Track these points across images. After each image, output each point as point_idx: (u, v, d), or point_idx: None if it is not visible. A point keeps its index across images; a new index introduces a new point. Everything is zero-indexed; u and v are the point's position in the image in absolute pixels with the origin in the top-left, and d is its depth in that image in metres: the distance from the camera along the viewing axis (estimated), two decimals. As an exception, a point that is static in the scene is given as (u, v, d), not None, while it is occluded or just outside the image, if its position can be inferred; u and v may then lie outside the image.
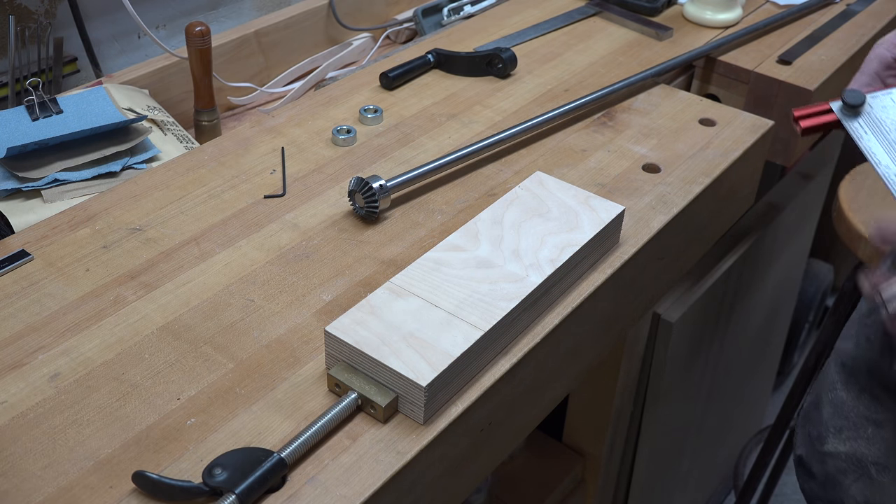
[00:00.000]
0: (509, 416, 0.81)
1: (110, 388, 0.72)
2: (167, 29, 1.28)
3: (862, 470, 0.82)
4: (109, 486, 0.65)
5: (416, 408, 0.69)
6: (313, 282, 0.83)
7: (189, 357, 0.75)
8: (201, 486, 0.63)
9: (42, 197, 0.93)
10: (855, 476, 0.82)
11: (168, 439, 0.68)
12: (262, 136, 1.04)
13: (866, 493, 0.81)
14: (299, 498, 0.64)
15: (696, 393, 1.48)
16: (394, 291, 0.75)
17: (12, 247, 0.85)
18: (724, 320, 1.43)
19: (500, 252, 0.80)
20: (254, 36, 1.26)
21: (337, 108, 1.09)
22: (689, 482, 1.69)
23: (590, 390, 1.24)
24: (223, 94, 1.22)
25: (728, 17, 1.32)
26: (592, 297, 0.84)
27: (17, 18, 1.07)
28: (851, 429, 0.83)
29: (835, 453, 0.84)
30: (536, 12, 1.34)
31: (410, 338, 0.71)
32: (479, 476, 0.82)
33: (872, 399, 0.83)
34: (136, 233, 0.88)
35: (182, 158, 1.00)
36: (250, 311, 0.80)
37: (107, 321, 0.78)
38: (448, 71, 1.18)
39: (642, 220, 0.93)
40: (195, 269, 0.84)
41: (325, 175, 0.98)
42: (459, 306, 0.74)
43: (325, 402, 0.72)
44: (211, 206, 0.92)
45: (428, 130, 1.06)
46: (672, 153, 1.03)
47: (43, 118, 0.99)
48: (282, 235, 0.89)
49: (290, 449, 0.65)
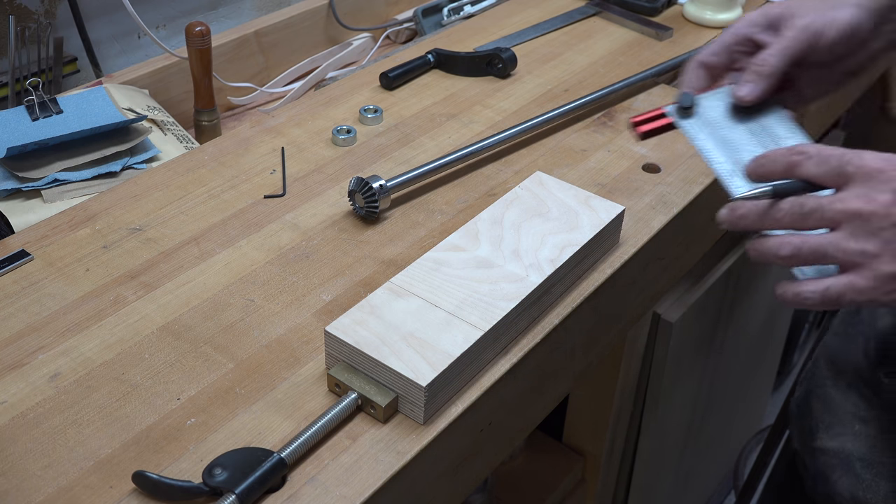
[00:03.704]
0: (509, 416, 0.81)
1: (110, 388, 0.72)
2: (167, 29, 1.28)
3: (848, 466, 0.82)
4: (109, 486, 0.65)
5: (416, 408, 0.69)
6: (313, 282, 0.83)
7: (189, 357, 0.75)
8: (201, 486, 0.63)
9: (42, 197, 0.93)
10: (842, 472, 0.83)
11: (168, 439, 0.68)
12: (262, 136, 1.04)
13: (852, 488, 0.82)
14: (299, 498, 0.64)
15: (696, 393, 1.48)
16: (394, 291, 0.75)
17: (12, 247, 0.85)
18: (724, 320, 1.43)
19: (500, 252, 0.80)
20: (254, 36, 1.26)
21: (337, 108, 1.09)
22: (689, 482, 1.69)
23: (590, 390, 1.24)
24: (223, 94, 1.22)
25: (728, 17, 1.32)
26: (592, 297, 0.84)
27: (17, 18, 1.07)
28: (840, 425, 0.84)
29: (824, 449, 0.85)
30: (536, 12, 1.34)
31: (410, 338, 0.71)
32: (479, 476, 0.82)
33: (860, 397, 0.84)
34: (136, 233, 0.88)
35: (182, 158, 1.00)
36: (250, 311, 0.80)
37: (107, 321, 0.78)
38: (448, 71, 1.18)
39: (642, 220, 0.93)
40: (195, 269, 0.84)
41: (325, 175, 0.98)
42: (459, 306, 0.74)
43: (325, 402, 0.72)
44: (211, 206, 0.92)
45: (428, 130, 1.06)
46: (672, 153, 1.03)
47: (43, 118, 0.99)
48: (282, 235, 0.89)
49: (290, 449, 0.65)
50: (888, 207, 0.58)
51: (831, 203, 0.60)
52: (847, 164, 0.60)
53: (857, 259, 0.59)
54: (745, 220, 0.64)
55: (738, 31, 0.74)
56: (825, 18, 0.71)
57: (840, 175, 0.61)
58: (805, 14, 0.72)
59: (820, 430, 0.86)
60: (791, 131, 0.73)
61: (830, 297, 0.60)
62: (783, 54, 0.72)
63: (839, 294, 0.60)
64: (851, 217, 0.59)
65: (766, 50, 0.72)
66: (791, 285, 0.63)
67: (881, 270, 0.58)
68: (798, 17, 0.72)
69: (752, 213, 0.63)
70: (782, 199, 0.62)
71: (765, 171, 0.64)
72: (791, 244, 0.61)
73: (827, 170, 0.61)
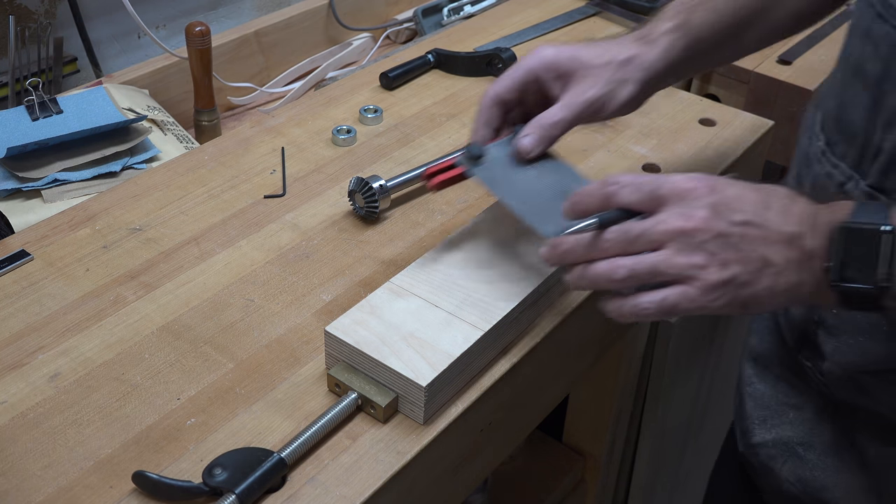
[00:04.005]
0: (509, 416, 0.81)
1: (110, 388, 0.72)
2: (167, 29, 1.28)
3: (790, 452, 0.85)
4: (109, 486, 0.65)
5: (416, 408, 0.69)
6: (313, 282, 0.83)
7: (189, 357, 0.75)
8: (201, 486, 0.63)
9: (42, 197, 0.93)
10: (783, 459, 0.85)
11: (168, 439, 0.68)
12: (262, 136, 1.04)
13: (797, 471, 0.84)
14: (299, 498, 0.64)
15: (697, 393, 1.48)
16: (394, 291, 0.75)
17: (12, 247, 0.85)
18: (725, 320, 1.43)
19: (500, 252, 0.80)
20: (254, 36, 1.26)
21: (337, 108, 1.09)
22: (688, 482, 1.69)
23: (590, 390, 1.24)
24: (223, 94, 1.22)
25: (728, 17, 1.31)
26: (593, 296, 0.84)
27: (17, 18, 1.07)
28: (774, 417, 0.86)
29: (762, 443, 0.87)
30: (536, 12, 1.34)
31: (410, 338, 0.71)
32: (479, 476, 0.82)
33: (789, 386, 0.86)
34: (136, 233, 0.88)
35: (182, 158, 1.00)
36: (250, 311, 0.80)
37: (107, 321, 0.78)
38: (448, 71, 1.18)
39: (642, 220, 0.93)
40: (195, 269, 0.84)
41: (325, 175, 0.98)
42: (459, 306, 0.74)
43: (325, 402, 0.71)
44: (211, 206, 0.92)
45: (428, 130, 1.06)
46: (672, 153, 1.03)
47: (43, 118, 0.99)
48: (282, 235, 0.89)
49: (290, 449, 0.65)
50: (707, 222, 0.62)
51: (655, 225, 0.63)
52: (660, 187, 0.64)
53: (688, 272, 0.63)
54: (571, 255, 0.67)
55: (531, 69, 0.78)
56: (609, 94, 0.76)
57: (655, 199, 0.64)
58: (593, 82, 0.76)
59: (756, 426, 0.88)
60: (571, 170, 0.78)
61: (666, 308, 0.64)
62: (566, 124, 0.76)
63: (674, 304, 0.64)
64: (676, 235, 0.63)
65: (552, 115, 0.76)
66: (627, 299, 0.66)
67: (709, 280, 0.63)
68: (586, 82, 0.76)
69: (579, 247, 0.66)
70: (606, 230, 0.65)
71: (582, 207, 0.67)
72: (625, 267, 0.64)
73: (642, 196, 0.65)
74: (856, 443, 0.80)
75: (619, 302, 0.66)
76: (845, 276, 0.61)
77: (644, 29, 0.80)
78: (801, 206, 0.64)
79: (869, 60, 0.72)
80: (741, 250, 0.63)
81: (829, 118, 0.79)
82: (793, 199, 0.65)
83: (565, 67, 0.77)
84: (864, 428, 0.79)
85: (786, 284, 0.63)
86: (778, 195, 0.65)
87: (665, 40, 0.78)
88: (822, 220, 0.63)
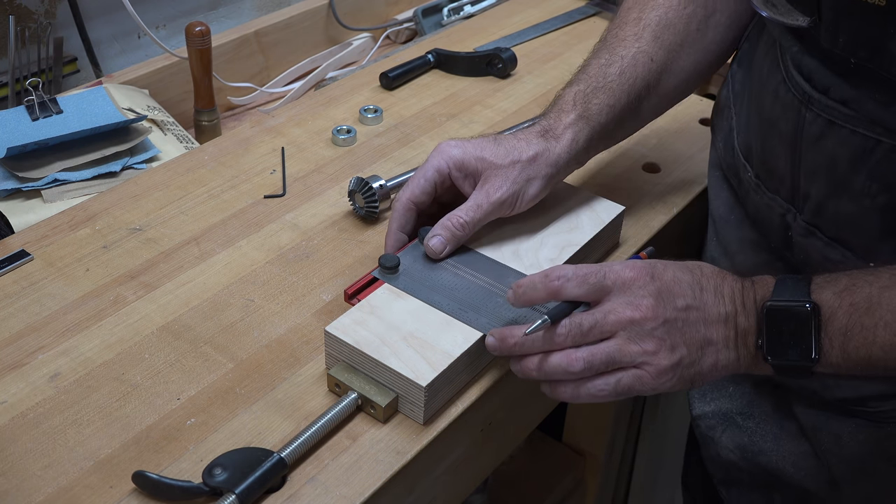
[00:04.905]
0: (509, 415, 0.81)
1: (110, 388, 0.72)
2: (167, 29, 1.28)
3: (729, 421, 0.89)
4: (109, 486, 0.65)
5: (416, 408, 0.69)
6: (313, 282, 0.83)
7: (189, 357, 0.75)
8: (201, 486, 0.63)
9: (42, 197, 0.93)
10: (723, 428, 0.90)
11: (168, 439, 0.68)
12: (262, 136, 1.04)
13: (736, 439, 0.88)
14: (299, 498, 0.64)
15: (696, 393, 1.48)
16: (394, 291, 0.75)
17: (12, 247, 0.85)
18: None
19: (500, 252, 0.80)
20: (254, 36, 1.26)
21: (337, 108, 1.09)
22: (689, 482, 1.68)
23: (590, 390, 1.24)
24: (223, 94, 1.22)
25: (728, 17, 1.31)
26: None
27: (17, 18, 1.07)
28: (713, 391, 0.91)
29: (702, 415, 0.92)
30: (536, 12, 1.34)
31: (410, 338, 0.71)
32: (479, 476, 0.82)
33: None
34: (136, 233, 0.88)
35: (182, 158, 1.00)
36: (250, 311, 0.80)
37: (107, 321, 0.78)
38: (448, 71, 1.18)
39: (642, 220, 0.93)
40: (195, 269, 0.84)
41: (325, 175, 0.98)
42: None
43: (325, 402, 0.72)
44: (211, 206, 0.92)
45: (428, 130, 1.06)
46: (672, 153, 1.03)
47: (43, 118, 0.99)
48: (282, 235, 0.89)
49: (290, 449, 0.65)
50: (654, 310, 0.67)
51: (605, 316, 0.67)
52: (604, 278, 0.68)
53: (641, 358, 0.67)
54: (521, 348, 0.69)
55: (440, 170, 0.79)
56: (517, 193, 0.78)
57: (600, 290, 0.68)
58: (501, 182, 0.78)
59: (695, 399, 0.93)
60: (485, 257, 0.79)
61: (621, 390, 0.68)
62: (474, 224, 0.78)
63: (628, 386, 0.67)
64: (626, 325, 0.67)
65: (460, 216, 0.78)
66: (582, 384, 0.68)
67: (661, 364, 0.67)
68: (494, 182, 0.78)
69: (530, 341, 0.68)
70: (558, 324, 0.67)
71: (528, 299, 0.70)
72: (581, 359, 0.67)
73: (588, 288, 0.68)
74: (793, 412, 0.83)
75: (572, 386, 0.69)
76: (776, 353, 0.67)
77: (545, 121, 0.81)
78: (730, 285, 0.69)
79: (781, 120, 0.76)
80: (685, 333, 0.67)
81: (752, 154, 0.82)
82: (723, 278, 0.70)
83: (472, 167, 0.79)
84: (799, 400, 0.82)
85: (726, 360, 0.68)
86: (707, 275, 0.69)
87: (569, 134, 0.80)
88: (748, 298, 0.68)
